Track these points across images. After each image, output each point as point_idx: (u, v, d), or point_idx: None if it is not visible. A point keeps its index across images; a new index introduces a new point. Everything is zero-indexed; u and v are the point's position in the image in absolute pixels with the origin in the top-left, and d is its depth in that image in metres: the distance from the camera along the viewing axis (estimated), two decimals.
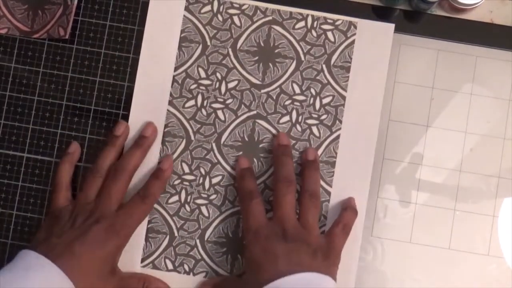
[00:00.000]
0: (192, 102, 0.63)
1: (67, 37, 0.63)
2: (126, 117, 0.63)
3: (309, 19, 0.63)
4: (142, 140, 0.61)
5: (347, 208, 0.59)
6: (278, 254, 0.54)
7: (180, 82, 0.63)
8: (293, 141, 0.62)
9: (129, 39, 0.63)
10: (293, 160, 0.61)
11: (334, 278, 0.55)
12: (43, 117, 0.63)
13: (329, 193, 0.61)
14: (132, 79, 0.63)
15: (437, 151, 0.62)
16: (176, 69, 0.63)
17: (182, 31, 0.63)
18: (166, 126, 0.62)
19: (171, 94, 0.63)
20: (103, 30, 0.64)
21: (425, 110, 0.62)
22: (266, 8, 0.63)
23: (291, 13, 0.63)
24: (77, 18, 0.64)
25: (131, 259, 0.61)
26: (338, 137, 0.62)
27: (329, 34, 0.63)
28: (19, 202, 0.63)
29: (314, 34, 0.63)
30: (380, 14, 0.63)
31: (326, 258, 0.55)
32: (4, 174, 0.63)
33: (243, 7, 0.63)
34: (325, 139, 0.62)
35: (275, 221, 0.56)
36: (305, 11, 0.63)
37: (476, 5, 0.60)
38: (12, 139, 0.63)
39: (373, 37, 0.62)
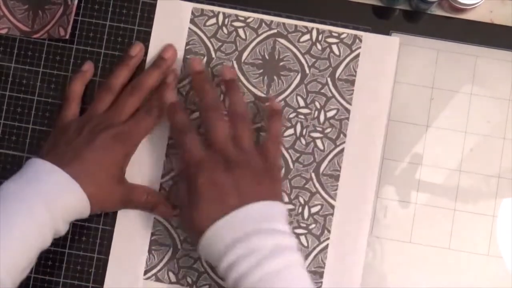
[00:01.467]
0: (196, 115, 0.62)
1: (67, 37, 0.63)
2: None
3: (314, 32, 0.63)
4: (161, 62, 0.61)
5: (272, 116, 0.59)
6: (226, 186, 0.53)
7: (184, 94, 0.63)
8: (297, 154, 0.62)
9: (129, 39, 0.63)
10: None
11: (281, 196, 0.56)
12: (43, 117, 0.63)
13: (332, 207, 0.61)
14: (132, 79, 0.63)
15: (437, 151, 0.62)
16: (180, 81, 0.63)
17: (187, 44, 0.63)
18: (170, 138, 0.62)
19: None
20: (103, 30, 0.64)
21: (425, 110, 0.62)
22: (271, 21, 0.63)
23: (296, 26, 0.63)
24: (77, 18, 0.64)
25: (134, 271, 0.61)
26: (342, 150, 0.62)
27: (334, 47, 0.63)
28: None
29: (319, 47, 0.63)
30: (380, 14, 0.63)
31: (271, 178, 0.55)
32: (4, 174, 0.63)
33: (248, 20, 0.63)
34: (329, 153, 0.62)
35: (214, 150, 0.55)
36: (310, 25, 0.63)
37: (476, 5, 0.60)
38: (12, 139, 0.63)
39: (378, 51, 0.62)
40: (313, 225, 0.61)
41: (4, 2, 0.64)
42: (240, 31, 0.63)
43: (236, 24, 0.63)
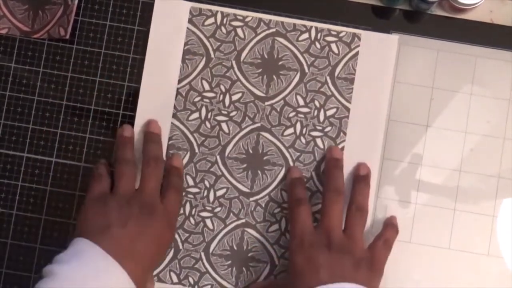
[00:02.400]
0: (196, 115, 0.62)
1: (67, 37, 0.63)
2: (125, 117, 0.63)
3: (313, 31, 0.63)
4: (152, 136, 0.61)
5: (388, 225, 0.60)
6: (321, 263, 0.54)
7: (184, 94, 0.63)
8: (297, 153, 0.62)
9: (129, 39, 0.64)
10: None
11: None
12: (43, 117, 0.63)
13: None
14: (132, 79, 0.63)
15: (437, 151, 0.62)
16: (179, 81, 0.63)
17: (185, 44, 0.63)
18: (170, 139, 0.62)
19: (175, 107, 0.62)
20: (103, 30, 0.64)
21: (425, 110, 0.62)
22: (270, 20, 0.63)
23: (294, 25, 0.63)
24: (77, 18, 0.64)
25: None
26: (342, 149, 0.62)
27: (333, 46, 0.62)
28: (19, 202, 0.63)
29: (318, 46, 0.63)
30: (380, 14, 0.63)
31: (369, 270, 0.55)
32: (4, 174, 0.63)
33: (247, 19, 0.63)
34: None
35: (321, 229, 0.57)
36: (308, 23, 0.63)
37: (476, 5, 0.60)
38: (12, 139, 0.63)
39: (377, 49, 0.62)
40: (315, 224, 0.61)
41: (4, 2, 0.64)
42: (239, 31, 0.63)
43: (235, 23, 0.63)
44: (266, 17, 0.63)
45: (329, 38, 0.63)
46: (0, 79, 0.64)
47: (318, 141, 0.62)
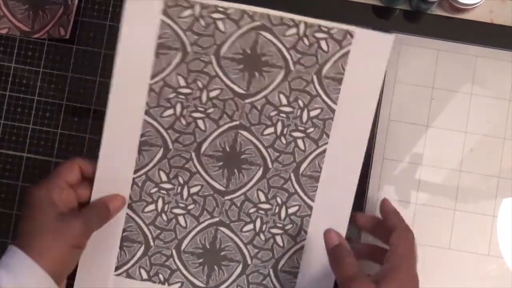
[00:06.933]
0: (170, 111, 0.60)
1: (67, 37, 0.63)
2: None
3: (302, 26, 0.59)
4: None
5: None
6: None
7: (157, 91, 0.59)
8: (277, 154, 0.60)
9: None
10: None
11: None
12: (43, 117, 0.63)
13: (310, 208, 0.59)
14: None
15: (437, 151, 0.62)
16: (152, 77, 0.59)
17: (159, 37, 0.59)
18: (142, 135, 0.59)
19: (147, 104, 0.59)
20: (103, 30, 0.64)
21: (425, 110, 0.62)
22: (255, 13, 0.58)
23: (281, 18, 0.58)
24: (77, 18, 0.64)
25: (105, 266, 0.60)
26: (324, 151, 0.59)
27: (322, 42, 0.59)
28: (19, 201, 0.63)
29: (306, 42, 0.59)
30: (380, 14, 0.63)
31: None
32: (4, 174, 0.63)
33: (228, 11, 0.59)
34: (310, 153, 0.59)
35: None
36: (297, 17, 0.58)
37: (476, 5, 0.60)
38: (12, 139, 0.63)
39: (370, 48, 0.58)
40: (290, 226, 0.60)
41: (4, 2, 0.64)
42: (219, 23, 0.59)
43: (215, 15, 0.59)
44: (250, 9, 0.58)
45: (318, 35, 0.59)
46: (0, 79, 0.64)
47: (299, 142, 0.60)
